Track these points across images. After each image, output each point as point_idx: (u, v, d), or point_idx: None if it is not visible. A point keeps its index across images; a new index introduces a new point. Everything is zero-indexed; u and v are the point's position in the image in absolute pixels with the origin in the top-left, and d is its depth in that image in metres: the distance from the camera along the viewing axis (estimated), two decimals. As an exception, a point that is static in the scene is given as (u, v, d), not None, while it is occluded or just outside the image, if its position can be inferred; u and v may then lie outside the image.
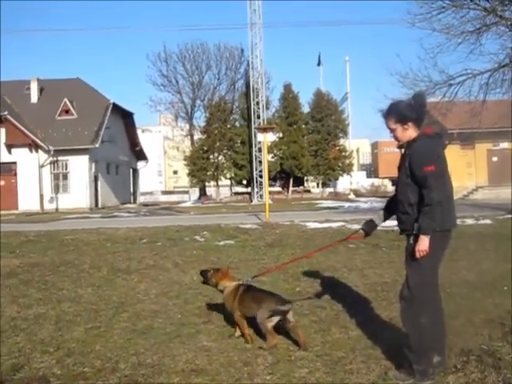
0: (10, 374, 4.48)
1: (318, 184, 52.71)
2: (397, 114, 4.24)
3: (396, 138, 4.31)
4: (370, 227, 4.86)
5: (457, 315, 5.54)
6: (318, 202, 35.25)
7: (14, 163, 36.83)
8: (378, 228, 4.89)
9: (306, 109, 46.84)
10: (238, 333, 5.28)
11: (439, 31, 17.89)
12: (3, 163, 36.76)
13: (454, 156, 35.79)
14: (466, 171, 35.58)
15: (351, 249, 10.46)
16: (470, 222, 14.83)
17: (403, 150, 4.37)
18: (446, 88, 18.96)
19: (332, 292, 6.98)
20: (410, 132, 4.21)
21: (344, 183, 50.82)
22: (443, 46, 17.81)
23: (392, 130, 4.30)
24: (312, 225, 14.74)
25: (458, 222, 14.07)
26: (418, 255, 4.02)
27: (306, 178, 48.39)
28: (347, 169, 46.70)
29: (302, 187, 47.67)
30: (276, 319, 4.98)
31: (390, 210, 4.67)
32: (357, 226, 12.79)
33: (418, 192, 4.06)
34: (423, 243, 3.99)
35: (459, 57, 18.47)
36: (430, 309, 4.16)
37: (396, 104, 4.41)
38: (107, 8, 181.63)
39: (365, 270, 8.55)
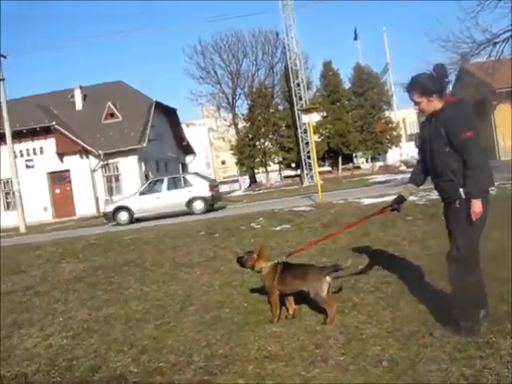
0: (89, 375, 4.61)
1: (367, 159, 52.09)
2: (421, 86, 4.36)
3: (421, 111, 4.48)
4: (398, 203, 5.03)
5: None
6: (369, 177, 34.82)
7: (67, 171, 37.71)
8: (434, 197, 4.85)
9: (347, 85, 46.24)
10: (290, 311, 5.44)
11: (478, -12, 17.29)
12: (57, 172, 37.73)
13: (505, 115, 34.69)
14: (519, 130, 34.48)
15: (409, 221, 10.28)
16: (529, 182, 14.33)
17: (425, 122, 4.56)
18: (490, 47, 18.34)
19: (396, 267, 6.91)
20: (434, 103, 4.35)
21: (394, 155, 50.05)
22: (483, 4, 17.22)
23: (417, 103, 4.43)
24: (366, 201, 14.56)
25: (517, 184, 13.53)
26: (474, 218, 4.16)
27: (354, 154, 47.83)
28: (395, 141, 45.89)
29: (351, 164, 47.16)
30: (326, 287, 5.14)
31: (417, 181, 4.85)
32: (412, 198, 12.59)
33: (458, 158, 4.18)
34: (477, 206, 4.14)
35: (502, 13, 17.83)
36: (476, 267, 4.40)
37: (418, 77, 4.46)
38: (138, 9, 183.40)
39: (426, 241, 8.39)
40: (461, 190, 4.20)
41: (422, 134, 4.60)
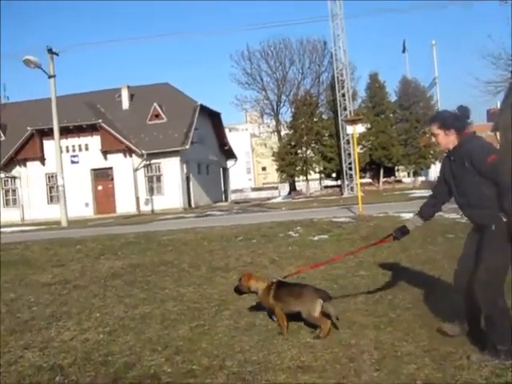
0: (124, 372, 4.67)
1: (408, 173, 51.45)
2: (441, 120, 4.66)
3: (438, 143, 4.74)
4: (401, 233, 5.27)
5: None
6: (410, 191, 34.38)
7: (110, 168, 38.42)
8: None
9: (392, 97, 45.80)
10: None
11: (534, 6, 16.96)
12: (100, 169, 38.46)
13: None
14: None
15: (450, 239, 10.14)
16: None
17: (444, 160, 4.82)
18: (543, 66, 17.94)
19: (434, 285, 6.82)
20: (451, 139, 4.59)
21: (436, 171, 49.29)
22: (538, 22, 16.86)
23: (435, 135, 4.71)
24: (407, 216, 14.32)
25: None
26: None
27: (396, 167, 47.34)
28: (439, 156, 45.13)
29: (392, 177, 46.67)
30: (319, 307, 5.15)
31: (424, 216, 5.08)
32: (454, 215, 12.41)
33: (490, 184, 4.26)
34: None
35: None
36: (504, 289, 4.39)
37: (442, 112, 4.91)
38: (191, 14, 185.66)
39: (467, 260, 8.24)
40: (500, 214, 4.22)
41: (443, 172, 4.79)
